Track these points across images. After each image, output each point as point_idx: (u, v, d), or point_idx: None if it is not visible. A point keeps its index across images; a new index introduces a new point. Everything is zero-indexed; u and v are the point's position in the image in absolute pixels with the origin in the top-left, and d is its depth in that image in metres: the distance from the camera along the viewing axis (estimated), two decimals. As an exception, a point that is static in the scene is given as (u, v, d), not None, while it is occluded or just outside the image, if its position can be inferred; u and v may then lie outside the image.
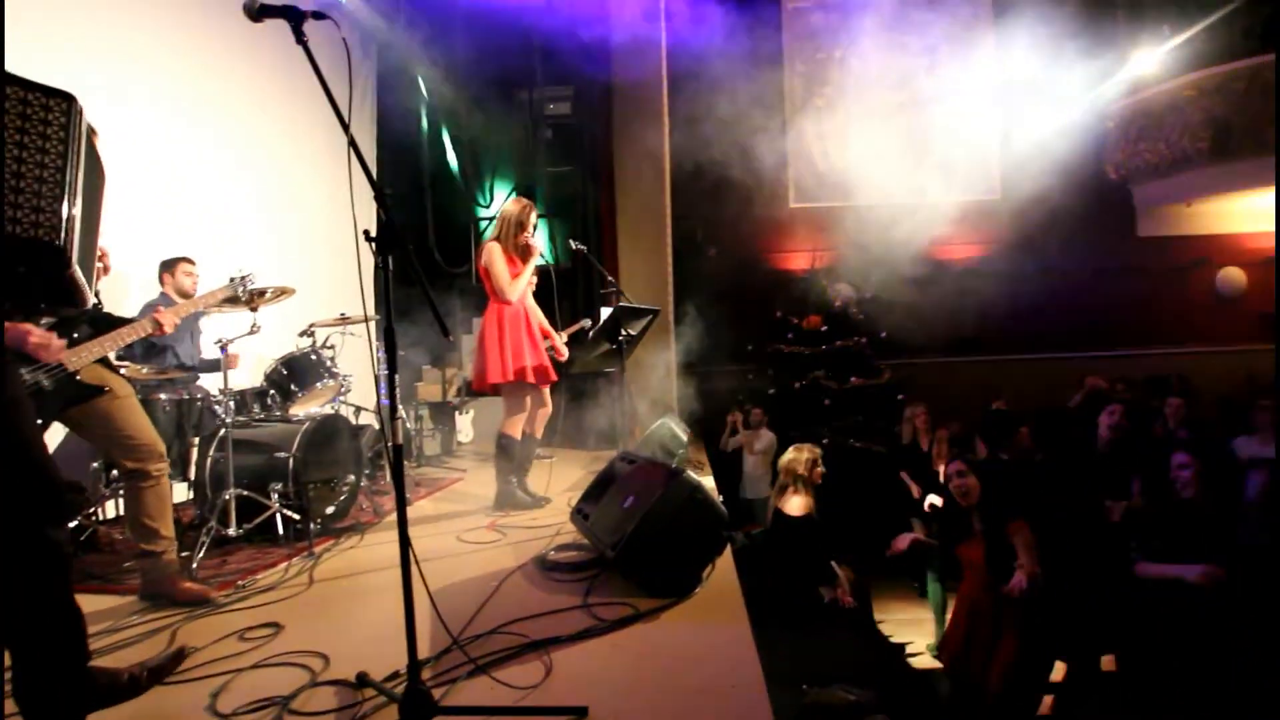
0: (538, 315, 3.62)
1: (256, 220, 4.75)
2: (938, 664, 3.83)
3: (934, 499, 4.32)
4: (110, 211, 1.76)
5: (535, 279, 3.54)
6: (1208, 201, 8.09)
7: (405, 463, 5.06)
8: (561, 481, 4.13)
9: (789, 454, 4.07)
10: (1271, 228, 8.52)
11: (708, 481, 3.91)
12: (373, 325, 5.01)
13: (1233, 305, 8.51)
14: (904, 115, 7.79)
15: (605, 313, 3.63)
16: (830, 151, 8.14)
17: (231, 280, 2.78)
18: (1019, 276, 7.92)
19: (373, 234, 1.38)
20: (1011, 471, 4.15)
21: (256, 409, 3.42)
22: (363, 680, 1.67)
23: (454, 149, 6.60)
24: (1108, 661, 3.28)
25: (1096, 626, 3.12)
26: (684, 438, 4.15)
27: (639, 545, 2.09)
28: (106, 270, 2.05)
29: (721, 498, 4.05)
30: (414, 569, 1.39)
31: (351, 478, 3.45)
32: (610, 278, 4.00)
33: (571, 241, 3.88)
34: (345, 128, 1.29)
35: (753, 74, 7.13)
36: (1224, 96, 7.33)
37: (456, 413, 5.94)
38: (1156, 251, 8.44)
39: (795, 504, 3.91)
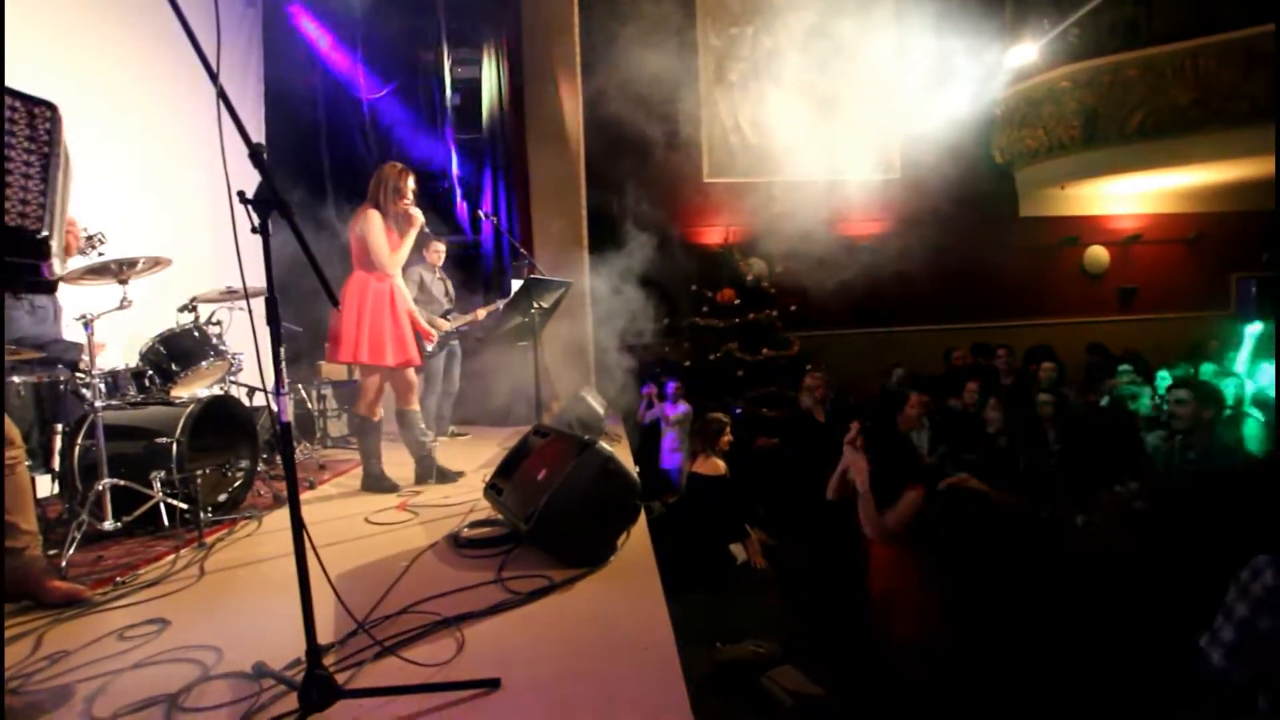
0: (406, 300, 3.43)
1: (128, 184, 4.28)
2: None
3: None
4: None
5: (442, 250, 3.40)
6: (1078, 185, 8.87)
7: (309, 444, 4.80)
8: (476, 458, 4.06)
9: (700, 423, 4.19)
10: (1131, 210, 9.48)
11: (624, 453, 3.96)
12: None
13: (1097, 281, 9.44)
14: (812, 94, 8.01)
15: (516, 285, 3.55)
16: (743, 127, 8.27)
17: (84, 238, 2.49)
18: (916, 252, 8.42)
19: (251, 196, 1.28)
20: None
21: (132, 391, 3.13)
22: (260, 670, 1.59)
23: (353, 113, 6.19)
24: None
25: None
26: (601, 411, 4.17)
27: (552, 517, 2.09)
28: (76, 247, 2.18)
29: (639, 469, 4.13)
30: (309, 551, 1.32)
31: (246, 462, 3.24)
32: (522, 250, 3.91)
33: (481, 212, 3.75)
34: (213, 77, 1.17)
35: (666, 47, 7.10)
36: (1093, 88, 8.00)
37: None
38: (1035, 231, 9.19)
39: (708, 466, 4.04)
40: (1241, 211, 9.45)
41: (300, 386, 4.91)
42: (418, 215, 3.32)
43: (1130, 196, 9.33)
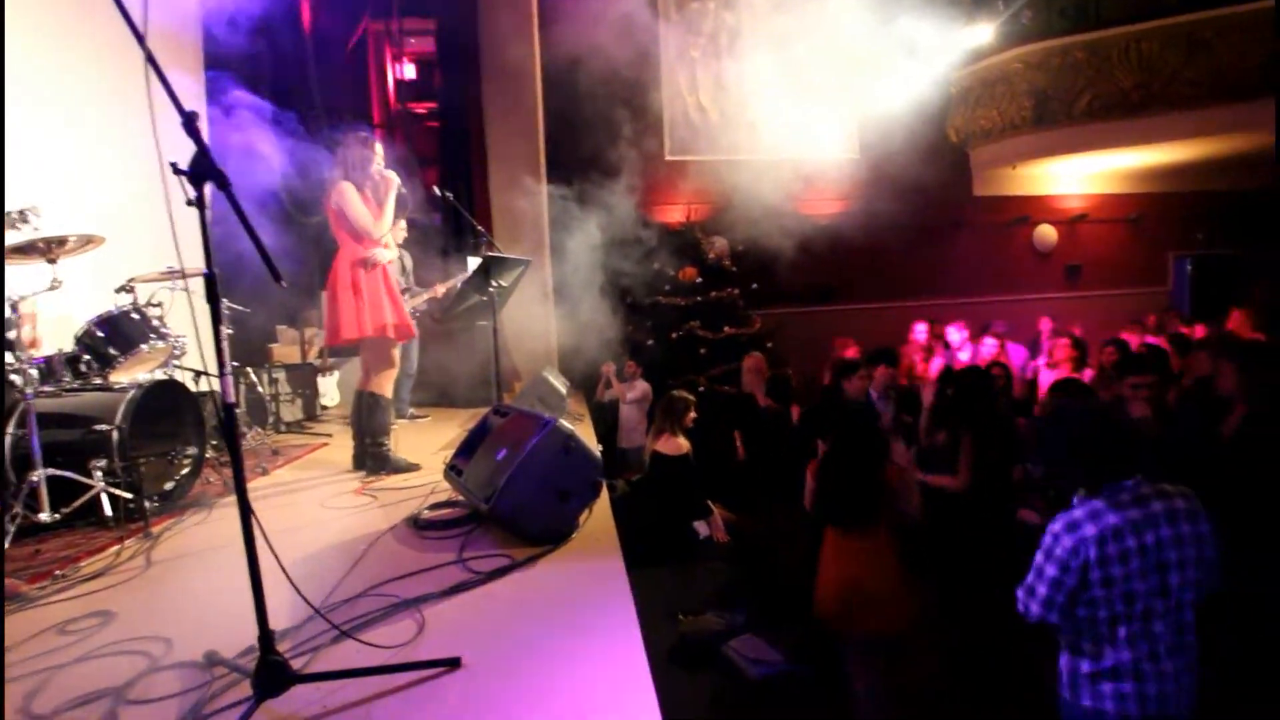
0: (392, 270, 3.37)
1: (59, 156, 4.01)
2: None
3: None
4: None
5: (403, 226, 3.31)
6: (1028, 165, 9.12)
7: (262, 430, 4.66)
8: (437, 440, 4.00)
9: (666, 400, 4.21)
10: (1077, 190, 9.80)
11: (586, 432, 3.96)
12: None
13: (1046, 259, 9.76)
14: (773, 72, 8.00)
15: (473, 263, 3.48)
16: (704, 104, 8.23)
17: (9, 216, 2.33)
18: (876, 230, 8.55)
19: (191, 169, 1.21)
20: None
21: (68, 377, 2.97)
22: (211, 659, 1.55)
23: (300, 83, 5.92)
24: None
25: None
26: (563, 390, 4.15)
27: (513, 496, 2.08)
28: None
29: (601, 448, 4.14)
30: (259, 535, 1.29)
31: (193, 449, 3.13)
32: (480, 227, 3.83)
33: (436, 189, 3.65)
34: (140, 39, 1.10)
35: (626, 21, 6.98)
36: (1044, 70, 8.18)
37: (319, 375, 5.54)
38: (988, 209, 9.43)
39: (671, 445, 4.06)
40: (1179, 193, 9.86)
41: (251, 370, 4.75)
42: (392, 177, 3.22)
43: (1077, 177, 9.64)
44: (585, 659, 1.54)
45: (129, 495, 2.66)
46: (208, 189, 1.17)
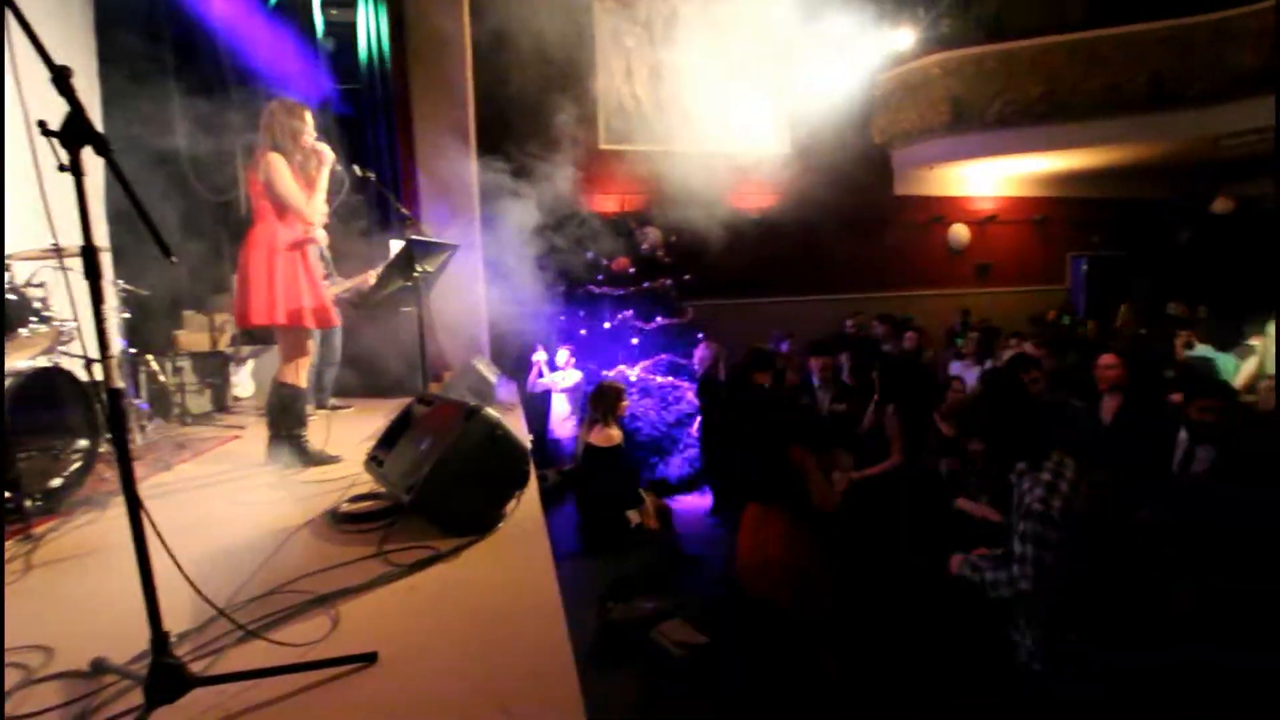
0: (313, 253, 3.18)
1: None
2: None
3: None
4: None
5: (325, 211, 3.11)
6: (945, 167, 9.60)
7: (165, 422, 4.35)
8: (359, 432, 3.84)
9: (598, 390, 4.20)
10: (988, 192, 10.40)
11: (516, 421, 3.90)
12: (106, 257, 4.16)
13: (959, 257, 10.33)
14: (707, 64, 8.07)
15: (395, 246, 3.35)
16: (639, 94, 8.21)
17: None
18: (804, 226, 8.81)
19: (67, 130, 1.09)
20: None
21: (-69, 365, 2.67)
22: (98, 667, 1.44)
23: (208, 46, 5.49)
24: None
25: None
26: (493, 379, 4.07)
27: (437, 485, 2.03)
28: None
29: (532, 438, 4.09)
30: (149, 529, 1.20)
31: (84, 443, 2.88)
32: (404, 210, 3.68)
33: (356, 167, 3.47)
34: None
35: (560, 4, 6.87)
36: (960, 77, 8.62)
37: (231, 364, 5.20)
38: (907, 208, 9.88)
39: (603, 436, 4.07)
40: (1077, 198, 10.65)
41: (152, 358, 4.41)
42: (326, 152, 3.01)
43: (989, 180, 10.24)
44: (508, 649, 1.52)
45: (8, 494, 2.42)
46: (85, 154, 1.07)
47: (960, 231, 10.20)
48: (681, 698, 2.97)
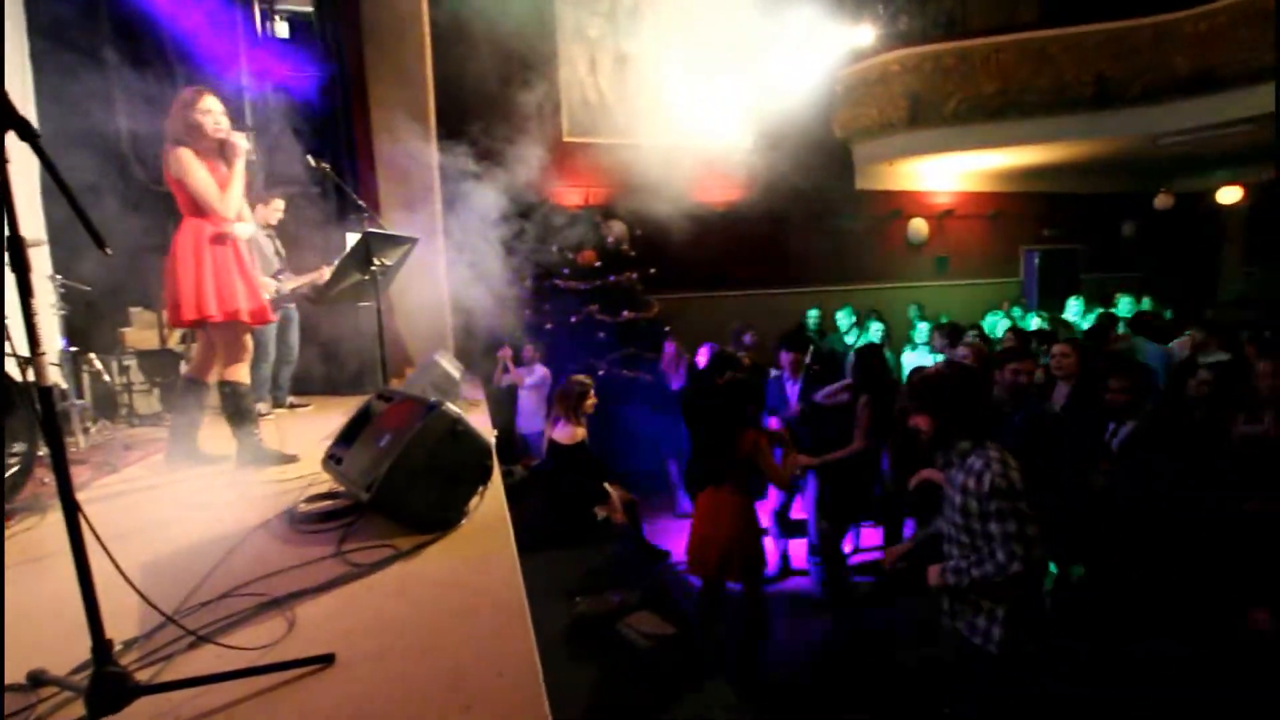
0: (243, 248, 3.05)
1: None
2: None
3: None
4: None
5: (281, 207, 3.01)
6: (904, 162, 9.80)
7: (111, 424, 4.18)
8: (318, 430, 3.75)
9: (560, 387, 4.18)
10: (945, 187, 10.65)
11: (481, 417, 3.86)
12: (44, 251, 3.97)
13: (917, 250, 10.56)
14: (671, 57, 8.06)
15: (352, 239, 3.27)
16: (602, 87, 8.16)
17: None
18: (768, 220, 8.89)
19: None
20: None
21: None
22: (36, 679, 1.37)
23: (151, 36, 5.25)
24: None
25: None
26: (457, 375, 4.01)
27: (397, 482, 1.99)
28: None
29: (499, 433, 4.05)
30: (88, 532, 1.15)
31: (21, 445, 2.74)
32: (361, 202, 3.59)
33: (310, 158, 3.37)
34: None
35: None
36: (918, 74, 8.80)
37: (182, 362, 5.02)
38: (868, 203, 10.06)
39: (567, 433, 4.05)
40: (1029, 193, 10.98)
41: (95, 357, 4.23)
42: (238, 141, 2.88)
43: (945, 175, 10.48)
44: (470, 647, 1.51)
45: (-65, 500, 2.30)
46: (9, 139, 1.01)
47: (919, 225, 10.43)
48: (644, 686, 2.98)
